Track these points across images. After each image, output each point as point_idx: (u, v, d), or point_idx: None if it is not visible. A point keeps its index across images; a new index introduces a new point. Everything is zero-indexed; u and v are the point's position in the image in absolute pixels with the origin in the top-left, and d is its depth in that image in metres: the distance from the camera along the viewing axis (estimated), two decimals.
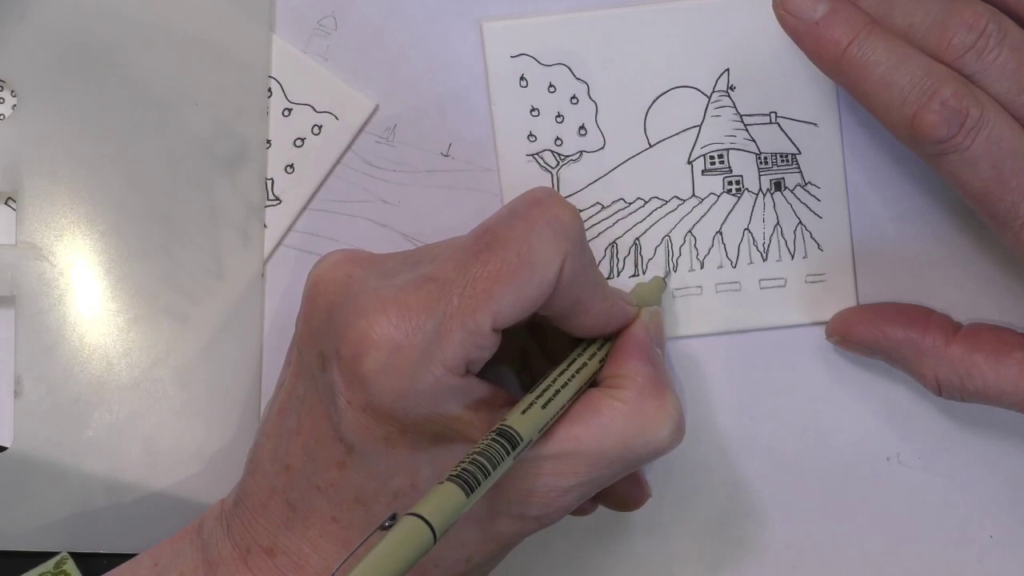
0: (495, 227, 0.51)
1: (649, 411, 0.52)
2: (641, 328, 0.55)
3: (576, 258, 0.51)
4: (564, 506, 0.52)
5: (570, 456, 0.52)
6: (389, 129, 0.60)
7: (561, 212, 0.52)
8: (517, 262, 0.50)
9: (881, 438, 0.61)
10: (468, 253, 0.51)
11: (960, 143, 0.51)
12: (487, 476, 0.47)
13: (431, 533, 0.45)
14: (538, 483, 0.52)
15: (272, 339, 0.60)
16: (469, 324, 0.49)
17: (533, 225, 0.51)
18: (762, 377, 0.60)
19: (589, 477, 0.52)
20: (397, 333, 0.49)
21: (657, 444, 0.53)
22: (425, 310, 0.50)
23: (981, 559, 0.61)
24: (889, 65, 0.52)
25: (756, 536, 0.61)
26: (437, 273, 0.51)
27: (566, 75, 0.60)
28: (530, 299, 0.50)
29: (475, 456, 0.48)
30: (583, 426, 0.52)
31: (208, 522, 0.55)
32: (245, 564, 0.53)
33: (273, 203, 0.60)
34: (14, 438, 0.59)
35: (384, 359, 0.49)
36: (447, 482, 0.47)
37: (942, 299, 0.59)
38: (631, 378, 0.53)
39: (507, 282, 0.50)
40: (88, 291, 0.60)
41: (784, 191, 0.60)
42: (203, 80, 0.60)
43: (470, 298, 0.50)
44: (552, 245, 0.51)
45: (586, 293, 0.53)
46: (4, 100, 0.60)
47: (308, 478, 0.52)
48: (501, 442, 0.49)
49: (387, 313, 0.50)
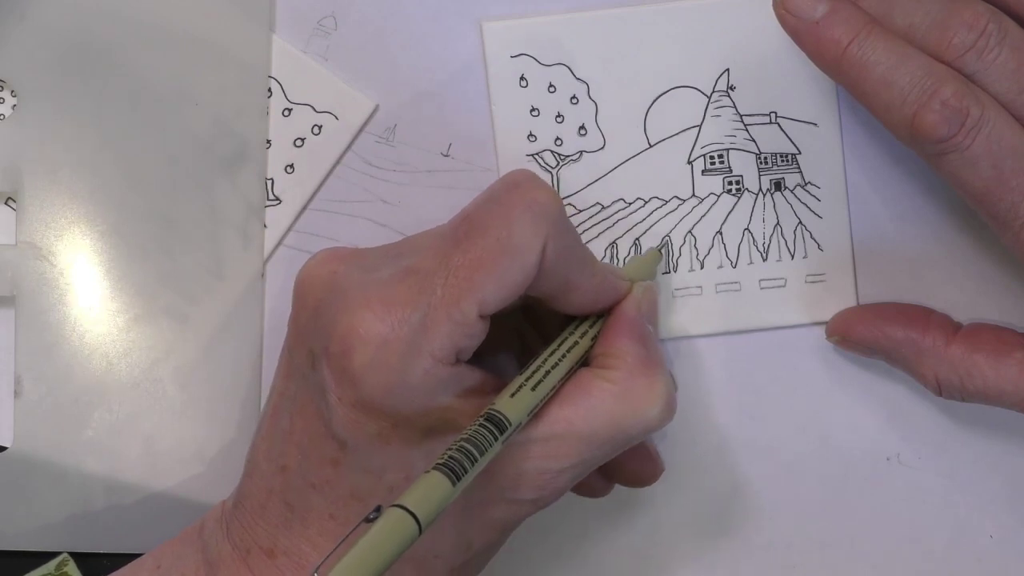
0: (474, 214, 0.51)
1: (639, 391, 0.52)
2: (632, 305, 0.55)
3: (558, 239, 0.51)
4: (558, 488, 0.52)
5: (561, 438, 0.52)
6: (389, 129, 0.60)
7: (539, 194, 0.51)
8: (497, 248, 0.50)
9: (881, 438, 0.61)
10: (448, 242, 0.51)
11: (960, 143, 0.51)
12: (474, 463, 0.47)
13: (416, 524, 0.45)
14: (529, 466, 0.52)
15: (272, 339, 0.60)
16: (455, 314, 0.49)
17: (511, 209, 0.51)
18: (762, 377, 0.60)
19: (581, 459, 0.52)
20: (383, 327, 0.49)
21: (647, 423, 0.52)
22: (410, 302, 0.50)
23: (981, 559, 0.61)
24: (889, 65, 0.52)
25: (756, 536, 0.61)
26: (419, 264, 0.51)
27: (566, 75, 0.60)
28: (514, 284, 0.50)
29: (462, 443, 0.48)
30: (573, 408, 0.52)
31: (209, 524, 0.55)
32: (246, 565, 0.53)
33: (273, 203, 0.60)
34: (14, 438, 0.59)
35: (372, 354, 0.49)
36: (433, 471, 0.46)
37: (942, 299, 0.59)
38: (621, 357, 0.53)
39: (489, 269, 0.50)
40: (88, 291, 0.60)
41: (784, 191, 0.60)
42: (203, 80, 0.60)
43: (453, 287, 0.50)
44: (532, 228, 0.50)
45: (573, 272, 0.53)
46: (4, 100, 0.60)
47: (304, 477, 0.52)
48: (489, 427, 0.48)
49: (372, 308, 0.50)
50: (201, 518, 0.55)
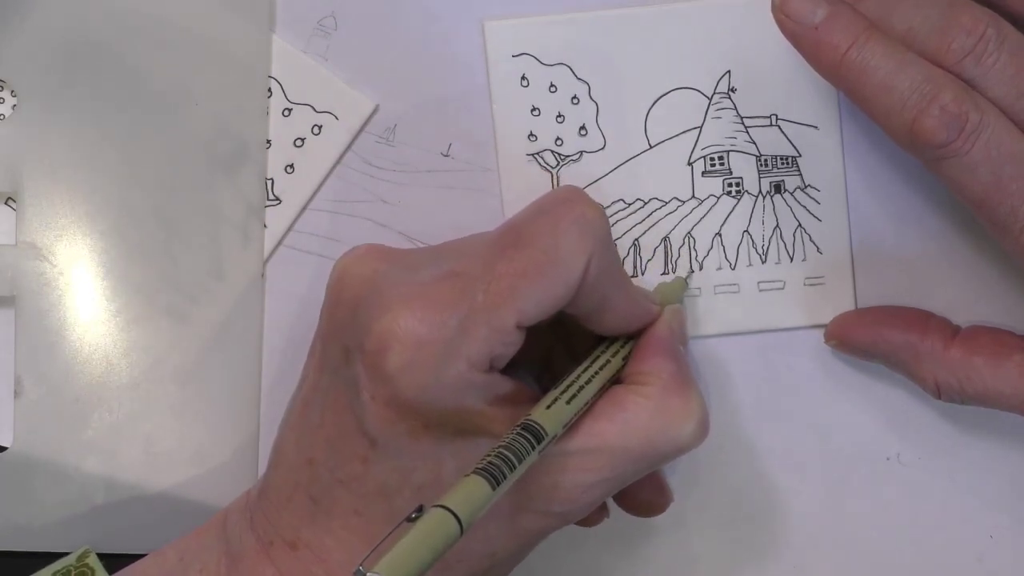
0: (521, 224, 0.51)
1: (674, 408, 0.52)
2: (665, 326, 0.55)
3: (602, 257, 0.51)
4: (588, 502, 0.52)
5: (595, 452, 0.52)
6: (389, 129, 0.60)
7: (587, 210, 0.52)
8: (543, 260, 0.50)
9: (881, 438, 0.61)
10: (494, 249, 0.51)
11: (959, 148, 0.51)
12: (513, 470, 0.47)
13: (458, 525, 0.45)
14: (563, 479, 0.52)
15: (272, 339, 0.60)
16: (494, 321, 0.49)
17: (559, 223, 0.51)
18: (761, 379, 0.60)
19: (613, 473, 0.52)
20: (421, 328, 0.49)
21: (681, 441, 0.52)
22: (450, 305, 0.50)
23: (981, 559, 0.61)
24: (888, 70, 0.52)
25: (756, 536, 0.61)
26: (462, 268, 0.51)
27: (567, 75, 0.60)
28: (555, 297, 0.50)
29: (500, 450, 0.48)
30: (608, 422, 0.52)
31: (232, 514, 0.55)
32: (268, 557, 0.53)
33: (273, 203, 0.60)
34: (14, 438, 0.60)
35: (408, 354, 0.49)
36: (473, 475, 0.46)
37: (941, 302, 0.59)
38: (655, 375, 0.53)
39: (532, 280, 0.50)
40: (88, 291, 0.60)
41: (784, 193, 0.59)
42: (203, 80, 0.60)
43: (495, 295, 0.50)
44: (578, 243, 0.51)
45: (611, 291, 0.53)
46: (4, 100, 0.60)
47: (331, 472, 0.52)
48: (526, 436, 0.49)
49: (412, 308, 0.50)
50: (225, 508, 0.56)
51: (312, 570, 0.52)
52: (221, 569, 0.53)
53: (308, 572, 0.52)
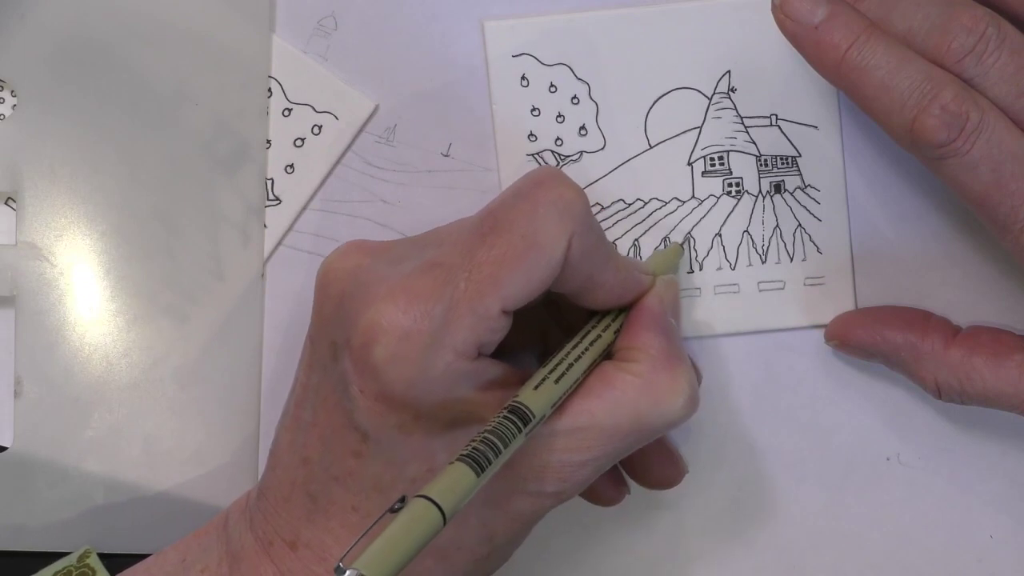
0: (499, 210, 0.51)
1: (662, 384, 0.52)
2: (655, 299, 0.55)
3: (583, 236, 0.51)
4: (580, 481, 0.52)
5: (584, 430, 0.52)
6: (389, 129, 0.60)
7: (565, 191, 0.51)
8: (523, 245, 0.50)
9: (881, 438, 0.61)
10: (474, 237, 0.51)
11: (960, 147, 0.51)
12: (498, 454, 0.47)
13: (440, 515, 0.45)
14: (552, 458, 0.52)
15: (272, 339, 0.60)
16: (478, 308, 0.50)
17: (537, 206, 0.51)
18: (761, 379, 0.60)
19: (604, 451, 0.52)
20: (406, 320, 0.49)
21: (670, 416, 0.52)
22: (432, 296, 0.50)
23: (981, 559, 0.61)
24: (888, 69, 0.52)
25: (756, 536, 0.61)
26: (443, 258, 0.51)
27: (567, 75, 0.60)
28: (538, 281, 0.50)
29: (486, 435, 0.48)
30: (597, 400, 0.52)
31: (233, 515, 0.55)
32: (268, 557, 0.53)
33: (273, 203, 0.60)
34: (14, 438, 0.60)
35: (394, 347, 0.49)
36: (457, 462, 0.46)
37: (941, 302, 0.59)
38: (644, 351, 0.53)
39: (513, 265, 0.50)
40: (88, 291, 0.60)
41: (784, 193, 0.59)
42: (203, 80, 0.60)
43: (477, 282, 0.50)
44: (557, 226, 0.51)
45: (598, 268, 0.53)
46: (4, 100, 0.60)
47: (326, 469, 0.52)
48: (512, 419, 0.49)
49: (395, 300, 0.50)
50: (226, 509, 0.56)
51: (312, 569, 0.52)
52: (223, 569, 0.54)
53: (308, 571, 0.52)
